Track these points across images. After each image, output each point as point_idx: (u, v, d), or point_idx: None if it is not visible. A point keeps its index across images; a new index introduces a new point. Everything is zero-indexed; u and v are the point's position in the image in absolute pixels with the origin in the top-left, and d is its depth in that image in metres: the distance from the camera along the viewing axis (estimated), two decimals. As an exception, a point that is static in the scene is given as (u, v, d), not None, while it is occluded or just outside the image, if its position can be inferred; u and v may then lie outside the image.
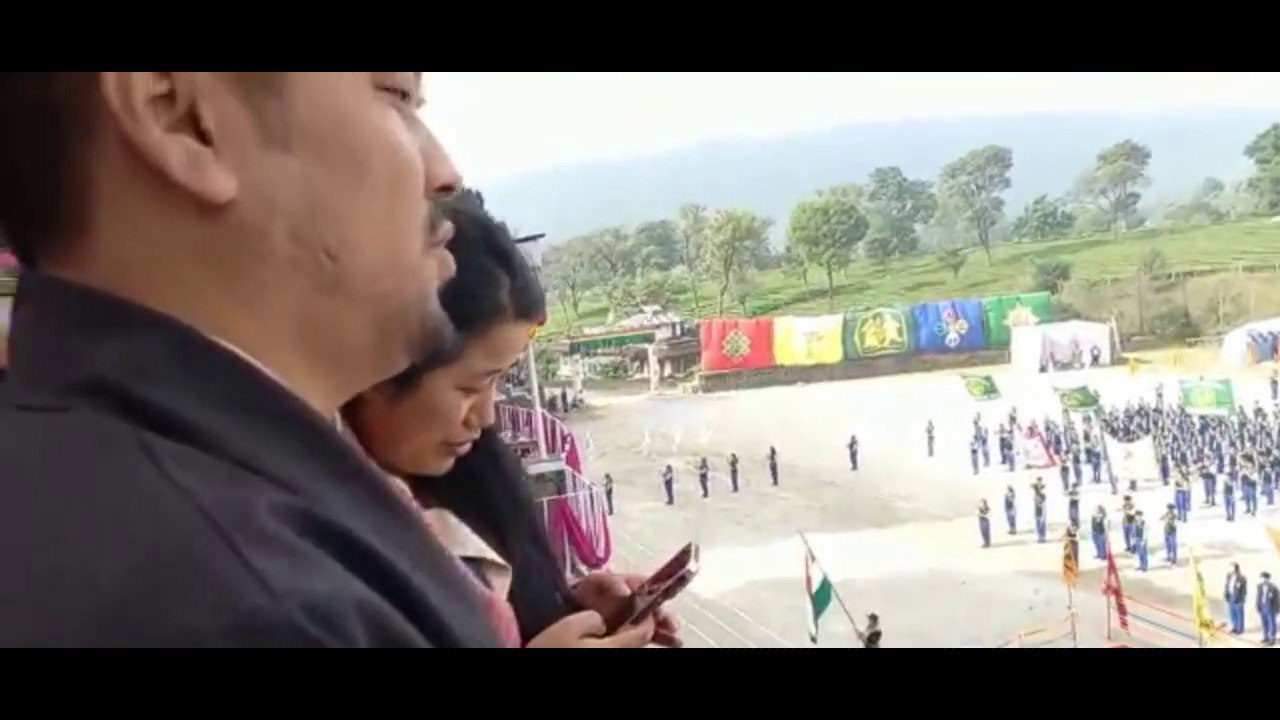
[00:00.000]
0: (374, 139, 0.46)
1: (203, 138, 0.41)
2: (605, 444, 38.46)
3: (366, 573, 0.36)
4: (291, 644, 0.31)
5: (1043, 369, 50.26)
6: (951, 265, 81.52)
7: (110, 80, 0.39)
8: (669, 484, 29.12)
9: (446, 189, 0.52)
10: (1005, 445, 30.59)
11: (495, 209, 1.03)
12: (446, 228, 0.53)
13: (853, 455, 31.62)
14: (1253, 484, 23.56)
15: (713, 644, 17.04)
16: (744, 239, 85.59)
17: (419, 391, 0.92)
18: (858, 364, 57.58)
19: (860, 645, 14.84)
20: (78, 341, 0.40)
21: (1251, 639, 16.13)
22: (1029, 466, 27.53)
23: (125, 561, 0.32)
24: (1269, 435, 29.21)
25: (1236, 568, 17.06)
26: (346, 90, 0.45)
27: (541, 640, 0.95)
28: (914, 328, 58.99)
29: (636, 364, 68.15)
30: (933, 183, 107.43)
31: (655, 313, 71.77)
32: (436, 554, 0.45)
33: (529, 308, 0.98)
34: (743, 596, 19.74)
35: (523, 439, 17.06)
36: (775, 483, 30.14)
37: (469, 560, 0.96)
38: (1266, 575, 16.27)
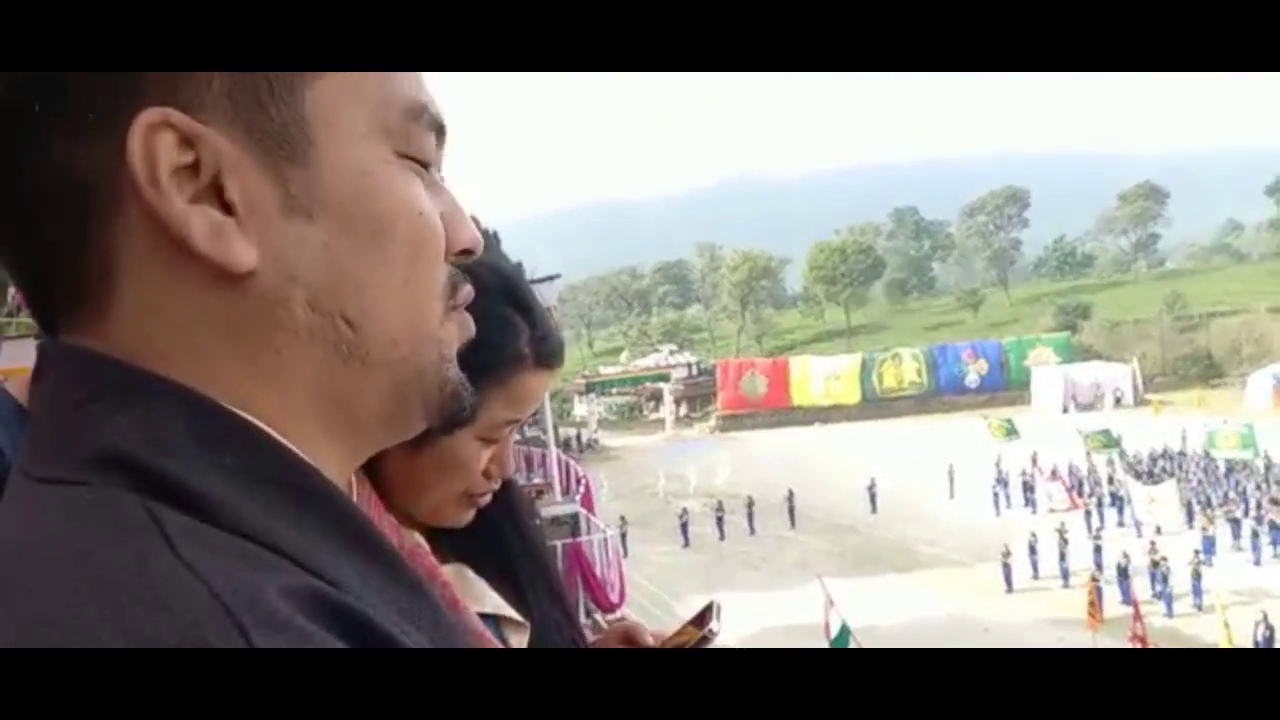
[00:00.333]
0: (397, 207, 0.46)
1: (226, 208, 0.41)
2: (620, 485, 38.25)
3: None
4: None
5: (1064, 410, 49.76)
6: (970, 305, 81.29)
7: (136, 153, 0.39)
8: (685, 527, 28.87)
9: (467, 253, 0.52)
10: (1027, 488, 30.16)
11: (511, 248, 1.01)
12: (467, 291, 0.53)
13: (872, 498, 31.26)
14: (1279, 529, 23.08)
15: (729, 692, 16.74)
16: (761, 278, 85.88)
17: (439, 443, 0.90)
18: (876, 405, 57.25)
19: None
20: (95, 411, 0.41)
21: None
22: (1052, 510, 27.12)
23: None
24: (1297, 479, 28.67)
25: (1265, 615, 16.66)
26: (370, 159, 0.45)
27: None
28: (933, 368, 58.67)
29: (652, 404, 68.08)
30: (951, 222, 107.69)
31: (671, 352, 71.87)
32: (449, 623, 0.45)
33: (549, 356, 0.97)
34: (759, 643, 19.41)
35: (537, 480, 16.99)
36: (793, 526, 29.81)
37: (486, 617, 0.95)
38: (1296, 623, 15.87)
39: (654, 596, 22.94)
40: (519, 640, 0.98)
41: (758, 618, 20.84)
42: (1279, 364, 48.37)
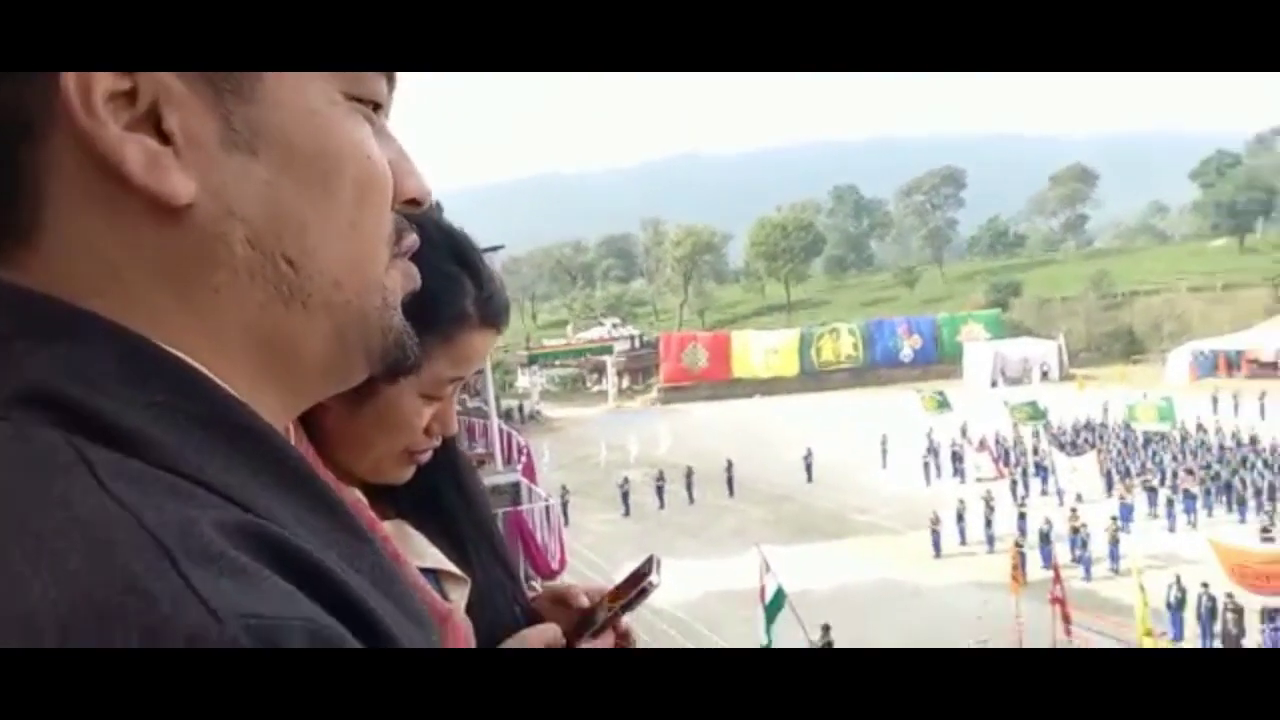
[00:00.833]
0: (344, 148, 0.45)
1: (164, 138, 0.40)
2: (562, 456, 38.33)
3: (316, 591, 0.35)
4: None
5: (994, 384, 51.26)
6: (906, 282, 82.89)
7: (70, 76, 0.38)
8: (625, 496, 29.11)
9: (414, 203, 0.52)
10: (957, 458, 31.08)
11: (454, 219, 1.04)
12: (412, 240, 0.52)
13: (808, 468, 31.90)
14: (1193, 497, 24.19)
15: (666, 655, 17.04)
16: (703, 253, 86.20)
17: (379, 398, 0.90)
18: (814, 378, 58.22)
19: (812, 655, 14.95)
20: (20, 348, 0.39)
21: (1189, 647, 16.53)
22: (979, 479, 27.99)
23: (63, 588, 0.31)
24: (1209, 450, 30.05)
25: (1178, 578, 17.48)
26: (318, 98, 0.44)
27: None
28: (869, 343, 59.82)
29: (595, 376, 68.11)
30: (889, 201, 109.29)
31: (614, 325, 71.91)
32: (389, 569, 0.44)
33: (494, 316, 0.97)
34: (697, 608, 19.77)
35: (478, 450, 16.94)
36: (731, 495, 30.28)
37: (427, 571, 0.95)
38: (1205, 585, 16.71)
39: (594, 564, 23.13)
40: (459, 595, 0.98)
41: (697, 584, 21.18)
42: (1198, 341, 50.46)
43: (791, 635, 15.16)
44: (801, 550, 22.95)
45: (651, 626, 18.68)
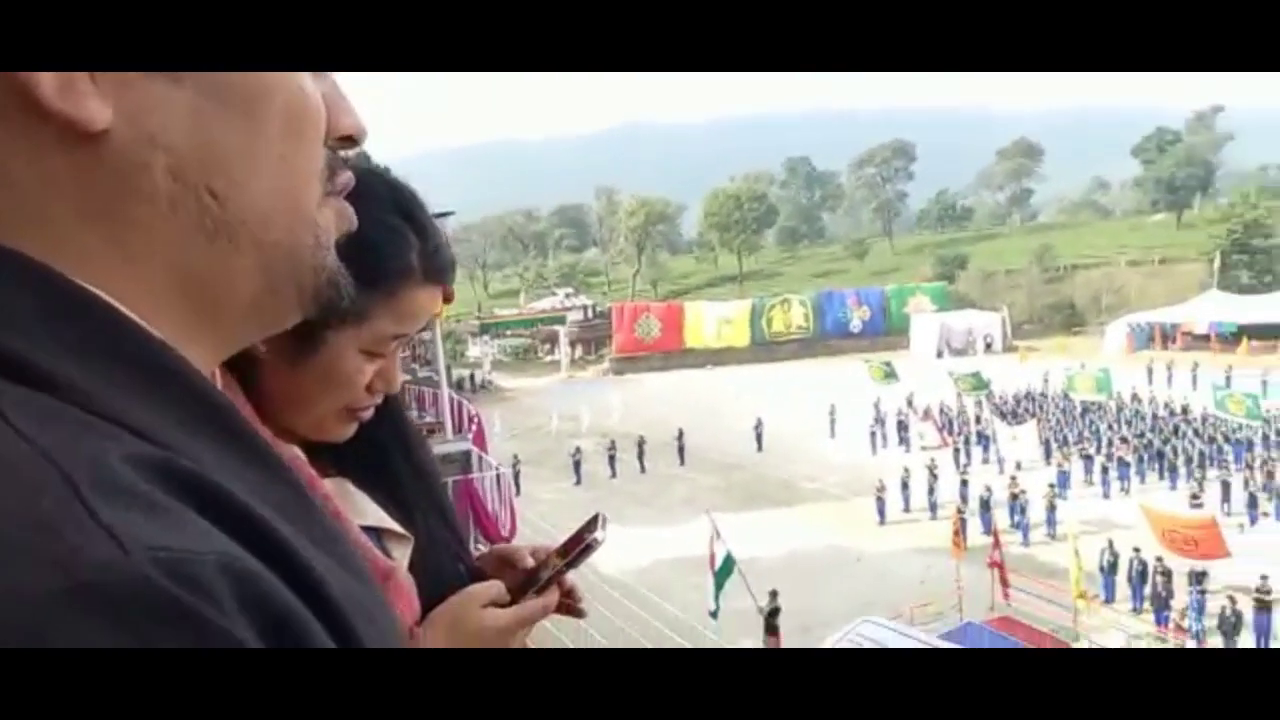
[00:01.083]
0: (274, 78, 0.43)
1: None
2: (514, 425, 38.23)
3: (235, 529, 0.34)
4: (145, 602, 0.29)
5: (939, 355, 52.29)
6: (857, 254, 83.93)
7: None
8: (577, 465, 29.18)
9: (349, 140, 0.50)
10: (902, 427, 31.69)
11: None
12: (346, 177, 0.51)
13: (758, 437, 32.28)
14: (1127, 465, 25.03)
15: (616, 621, 17.23)
16: (657, 224, 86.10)
17: (321, 353, 0.88)
18: (765, 348, 58.73)
19: (760, 618, 15.27)
20: None
21: (1121, 609, 17.17)
22: (924, 448, 28.59)
23: None
24: (1143, 419, 31.07)
25: (1110, 543, 18.10)
26: None
27: (443, 611, 0.94)
28: (820, 314, 60.50)
29: (547, 346, 67.86)
30: (841, 173, 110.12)
31: (567, 295, 71.61)
32: (321, 518, 0.42)
33: (438, 272, 0.94)
34: (647, 574, 19.98)
35: (428, 419, 16.82)
36: (683, 464, 30.54)
37: (369, 530, 0.93)
38: (1137, 550, 17.34)
39: (546, 532, 23.17)
40: (402, 554, 0.96)
41: (647, 551, 21.40)
42: (1134, 314, 51.94)
43: (739, 601, 15.45)
44: (751, 518, 23.28)
45: (601, 593, 18.86)
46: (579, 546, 0.97)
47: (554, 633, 15.99)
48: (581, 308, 67.31)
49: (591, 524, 0.99)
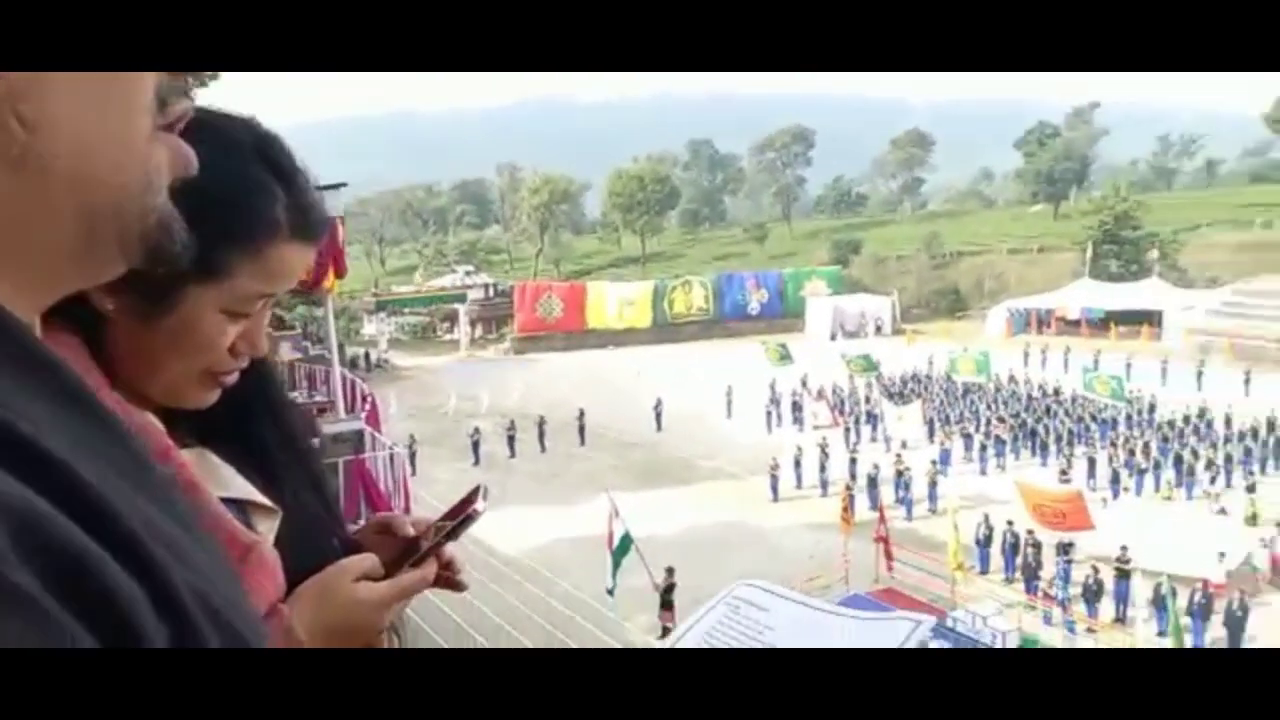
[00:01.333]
0: None
1: None
2: (411, 405, 37.51)
3: (22, 468, 0.31)
4: None
5: (833, 337, 53.89)
6: (757, 238, 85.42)
7: None
8: (476, 445, 28.88)
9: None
10: (796, 408, 32.58)
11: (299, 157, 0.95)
12: (182, 108, 0.47)
13: (658, 417, 32.63)
14: (1004, 443, 26.43)
15: (513, 601, 17.23)
16: (560, 202, 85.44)
17: (177, 312, 0.81)
18: (666, 329, 59.26)
19: (656, 595, 15.53)
20: None
21: (995, 579, 18.18)
22: (816, 427, 29.45)
23: None
24: (1019, 400, 32.82)
25: (986, 517, 19.13)
26: None
27: (313, 585, 0.90)
28: (720, 296, 61.37)
29: (446, 325, 66.68)
30: (742, 157, 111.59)
31: (468, 273, 70.43)
32: (149, 472, 0.39)
33: (308, 229, 0.88)
34: (545, 554, 20.03)
35: (319, 398, 16.34)
36: (583, 443, 30.61)
37: (231, 502, 0.88)
38: (1010, 523, 18.37)
39: (440, 513, 22.92)
40: (268, 528, 0.91)
41: (544, 531, 21.44)
42: (1014, 299, 54.66)
43: (636, 579, 15.68)
44: (649, 496, 23.58)
45: (498, 573, 18.80)
46: (459, 517, 0.96)
47: (448, 612, 15.91)
48: (482, 286, 66.37)
49: (472, 495, 0.98)
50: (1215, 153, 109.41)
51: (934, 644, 12.93)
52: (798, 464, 24.62)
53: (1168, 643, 14.12)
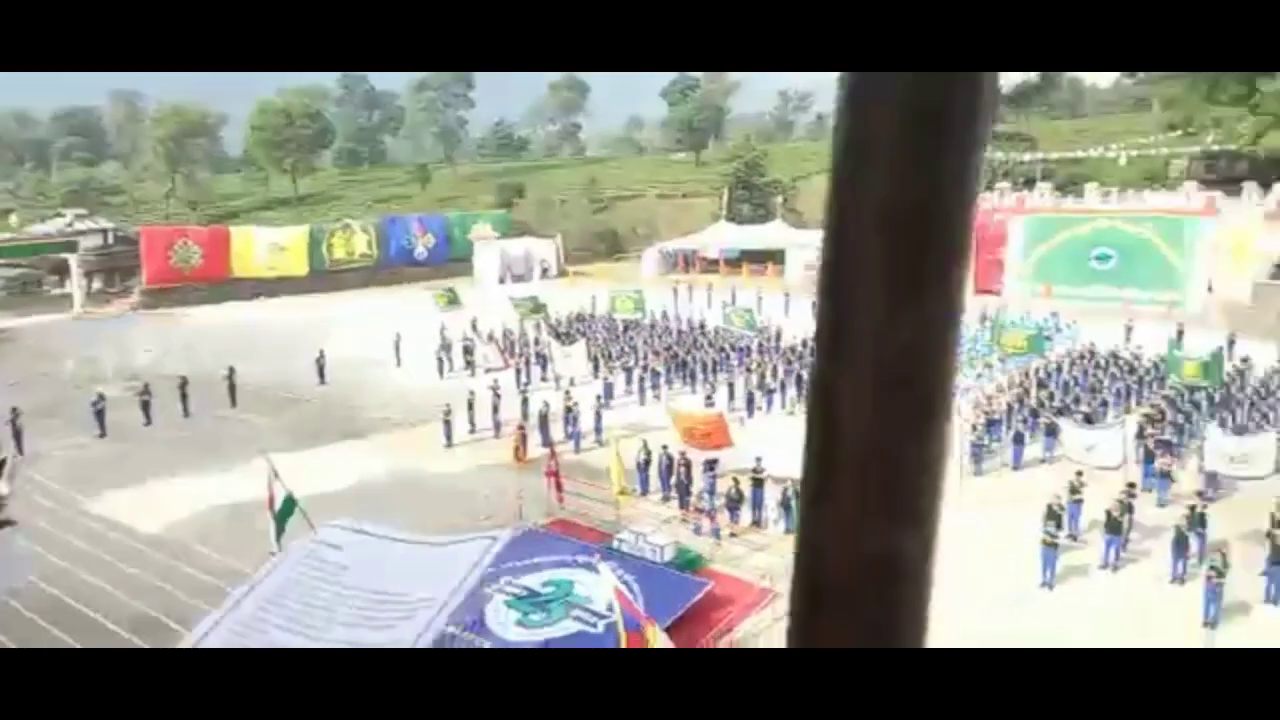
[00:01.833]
0: None
1: None
2: (14, 372, 31.99)
3: None
4: None
5: (502, 280, 54.39)
6: (420, 179, 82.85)
7: None
8: (100, 415, 25.37)
9: None
10: (468, 352, 32.57)
11: None
12: None
13: (320, 370, 30.91)
14: (659, 374, 28.62)
15: (159, 583, 15.66)
16: (193, 136, 76.47)
17: None
18: (326, 277, 55.92)
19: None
20: None
21: (654, 499, 19.76)
22: (488, 370, 29.75)
23: None
24: (671, 334, 35.61)
25: (645, 443, 20.65)
26: None
27: None
28: (384, 241, 59.04)
29: (56, 278, 57.20)
30: (400, 95, 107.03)
31: (78, 217, 60.61)
32: None
33: None
34: (195, 526, 18.36)
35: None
36: (234, 405, 28.17)
37: None
38: (665, 447, 20.02)
39: (60, 495, 20.05)
40: None
41: (199, 499, 19.64)
42: (664, 242, 58.82)
43: (306, 540, 14.92)
44: (315, 454, 22.44)
45: (138, 555, 16.94)
46: None
47: (82, 610, 14.12)
48: (99, 232, 57.53)
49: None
50: (824, 107, 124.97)
51: (603, 565, 13.90)
52: (470, 407, 24.75)
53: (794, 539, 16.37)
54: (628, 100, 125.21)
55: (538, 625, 13.94)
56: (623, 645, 11.50)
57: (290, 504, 15.22)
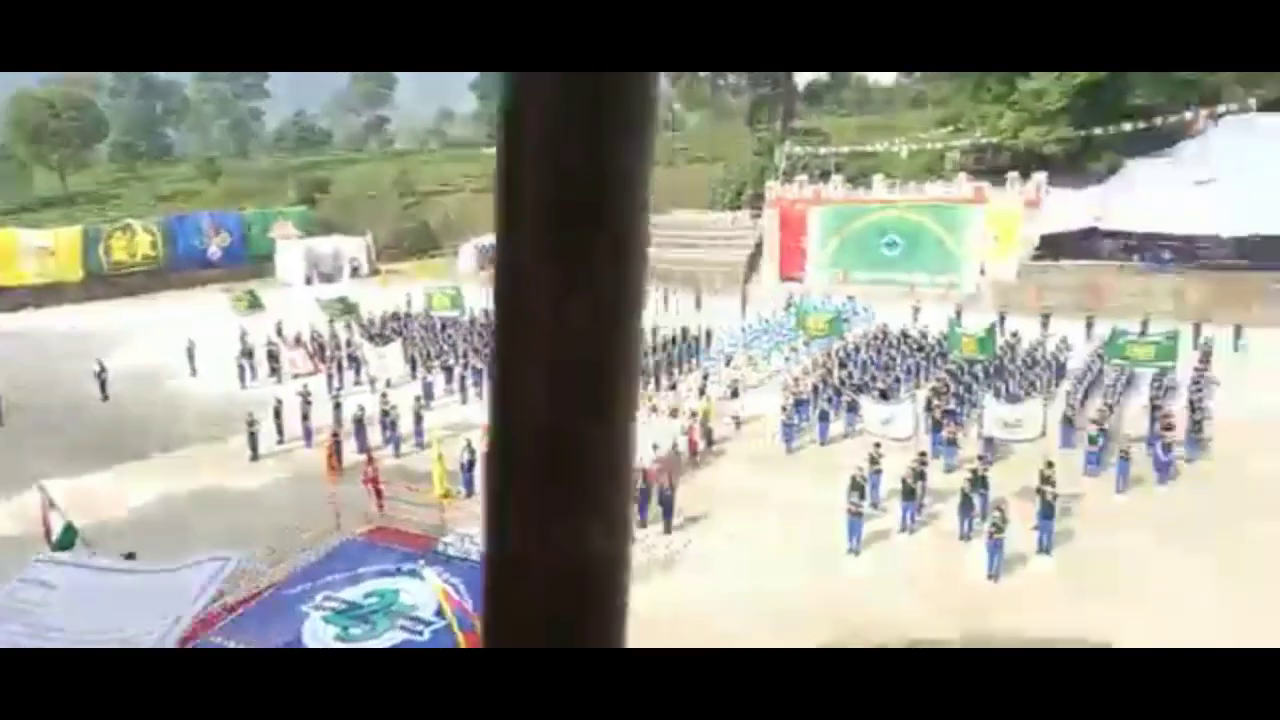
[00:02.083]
0: None
1: None
2: None
3: None
4: None
5: (308, 281, 51.69)
6: (209, 174, 77.22)
7: None
8: None
9: None
10: (272, 357, 30.77)
11: None
12: None
13: (102, 384, 28.22)
14: (480, 371, 28.21)
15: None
16: (-68, 129, 67.51)
17: None
18: (105, 282, 51.02)
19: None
20: None
21: (480, 500, 19.49)
22: (296, 376, 28.24)
23: None
24: (491, 330, 35.12)
25: (469, 442, 20.31)
26: None
27: None
28: (171, 241, 54.57)
29: None
30: (185, 84, 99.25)
31: None
32: None
33: None
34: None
35: None
36: (1, 425, 25.23)
37: None
38: (487, 444, 19.76)
39: None
40: None
41: (-45, 540, 17.42)
42: (481, 238, 57.86)
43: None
44: (102, 477, 20.52)
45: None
46: None
47: None
48: None
49: None
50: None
51: (428, 570, 13.56)
52: (278, 416, 23.41)
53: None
54: (438, 92, 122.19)
55: (360, 638, 13.43)
56: (461, 645, 11.34)
57: (70, 533, 13.92)
